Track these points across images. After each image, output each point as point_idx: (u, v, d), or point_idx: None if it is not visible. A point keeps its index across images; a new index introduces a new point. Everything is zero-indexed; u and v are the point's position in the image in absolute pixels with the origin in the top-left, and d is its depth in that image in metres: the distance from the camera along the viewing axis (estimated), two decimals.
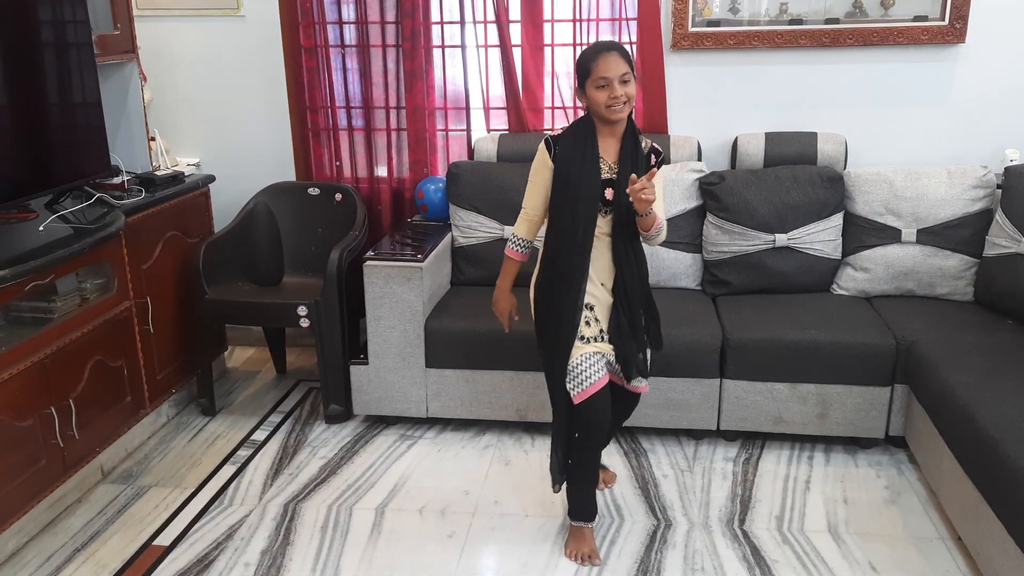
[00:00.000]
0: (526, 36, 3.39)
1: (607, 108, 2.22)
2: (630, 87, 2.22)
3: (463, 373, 3.02)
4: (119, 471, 2.94)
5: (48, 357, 2.52)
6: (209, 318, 3.27)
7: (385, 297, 3.00)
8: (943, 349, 2.69)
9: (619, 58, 2.21)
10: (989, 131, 3.31)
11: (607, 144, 2.30)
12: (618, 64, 2.20)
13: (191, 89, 3.67)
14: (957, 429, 2.40)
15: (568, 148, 2.30)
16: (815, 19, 3.28)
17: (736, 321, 2.94)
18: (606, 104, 2.21)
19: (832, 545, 2.46)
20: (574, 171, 2.28)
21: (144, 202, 3.05)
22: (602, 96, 2.21)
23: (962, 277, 3.08)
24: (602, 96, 2.21)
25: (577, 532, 2.46)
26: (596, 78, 2.21)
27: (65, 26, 2.84)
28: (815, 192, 3.14)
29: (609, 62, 2.20)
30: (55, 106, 2.84)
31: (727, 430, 2.98)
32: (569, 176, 2.29)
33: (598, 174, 2.27)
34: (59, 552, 2.51)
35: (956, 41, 3.22)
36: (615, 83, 2.19)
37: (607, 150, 2.30)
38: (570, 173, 2.29)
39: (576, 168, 2.28)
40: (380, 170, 3.64)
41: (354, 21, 3.47)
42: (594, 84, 2.22)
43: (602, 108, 2.22)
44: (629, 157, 2.28)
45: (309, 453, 3.02)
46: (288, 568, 2.41)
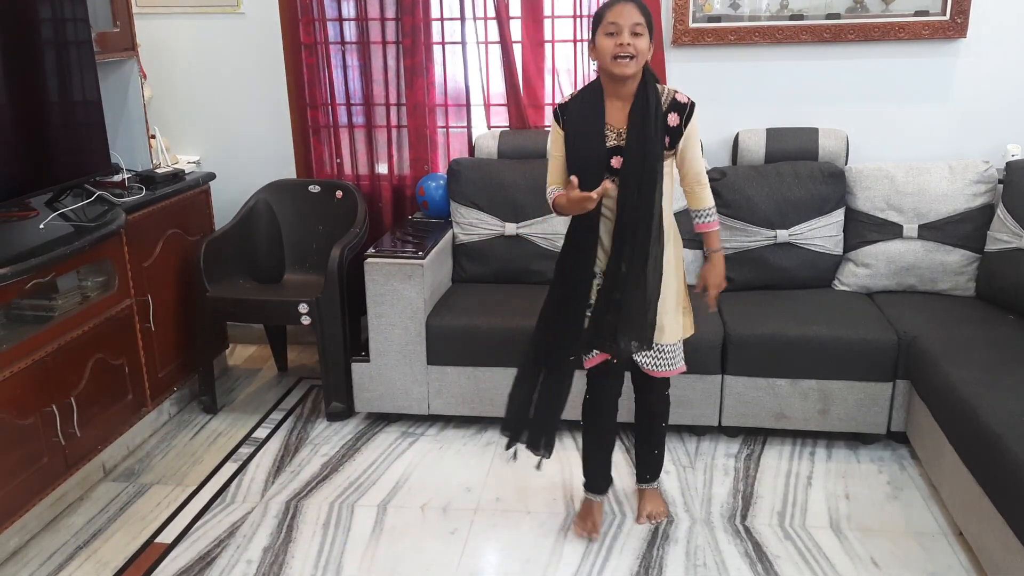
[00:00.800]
0: (526, 32, 3.38)
1: (613, 59, 2.08)
2: (642, 41, 2.08)
3: (464, 370, 3.02)
4: (121, 469, 2.94)
5: (49, 355, 2.52)
6: (210, 316, 3.26)
7: (386, 294, 3.00)
8: (945, 344, 2.69)
9: (635, 8, 2.08)
10: (990, 126, 3.30)
11: (616, 107, 2.18)
12: (632, 13, 2.07)
13: (191, 87, 3.67)
14: (959, 424, 2.39)
15: (575, 115, 2.20)
16: (816, 14, 3.27)
17: (737, 317, 2.94)
18: (612, 54, 2.07)
19: (834, 540, 2.46)
20: (580, 141, 2.19)
21: (145, 200, 3.05)
22: (609, 44, 2.08)
23: (963, 272, 3.07)
24: (609, 44, 2.08)
25: (584, 505, 2.53)
26: (607, 23, 2.08)
27: (65, 24, 2.83)
28: (816, 188, 3.14)
29: (624, 9, 2.07)
30: (55, 104, 2.84)
31: (729, 426, 2.98)
32: (576, 147, 2.20)
33: (602, 143, 2.17)
34: (61, 550, 2.52)
35: (957, 36, 3.21)
36: (625, 31, 2.06)
37: (616, 114, 2.18)
38: (577, 143, 2.20)
39: (581, 137, 2.19)
40: (381, 167, 3.63)
41: (354, 18, 3.47)
42: (604, 31, 2.09)
43: (608, 58, 2.09)
44: (639, 117, 2.13)
45: (311, 450, 3.02)
46: (290, 565, 2.42)
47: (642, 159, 2.14)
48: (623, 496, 2.69)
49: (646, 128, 2.14)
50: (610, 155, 2.18)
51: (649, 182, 2.16)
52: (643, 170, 2.15)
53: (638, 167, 2.15)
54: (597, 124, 2.18)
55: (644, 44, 2.10)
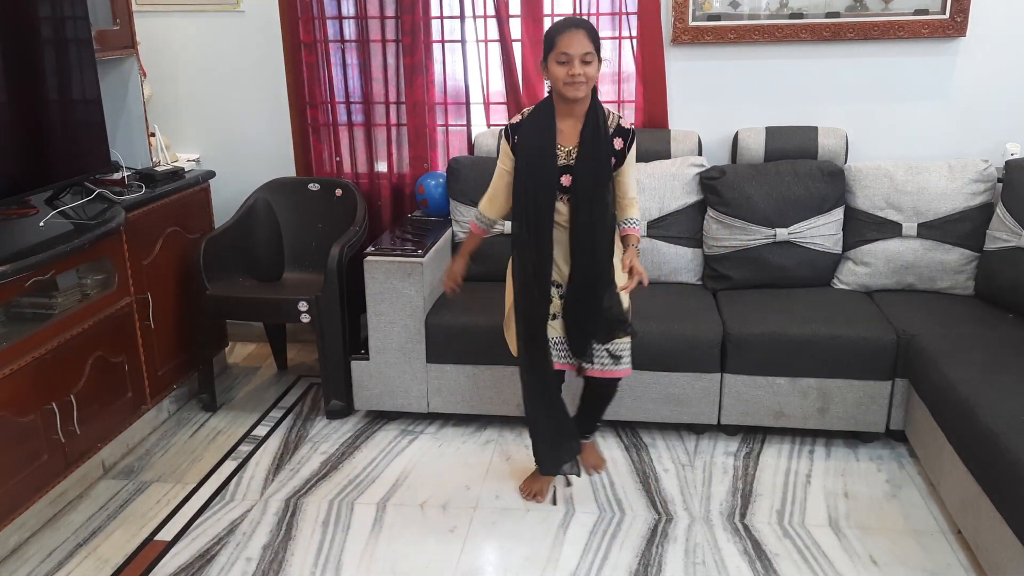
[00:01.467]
0: (526, 31, 3.38)
1: (564, 85, 2.22)
2: (592, 68, 2.23)
3: (464, 368, 3.02)
4: (120, 467, 2.95)
5: (49, 353, 2.52)
6: (210, 314, 3.27)
7: (386, 292, 3.00)
8: (943, 343, 2.69)
9: (584, 36, 2.21)
10: (990, 125, 3.30)
11: (568, 126, 2.31)
12: (582, 42, 2.20)
13: (191, 85, 3.67)
14: (957, 423, 2.40)
15: (527, 136, 2.33)
16: (816, 13, 3.28)
17: (737, 316, 2.94)
18: (564, 80, 2.21)
19: (833, 538, 2.47)
20: (532, 160, 2.31)
21: (144, 198, 3.05)
22: (561, 72, 2.21)
23: (963, 271, 3.08)
24: (561, 72, 2.21)
25: (535, 473, 2.68)
26: (558, 52, 2.21)
27: (64, 22, 2.83)
28: (815, 186, 3.14)
29: (574, 39, 2.20)
30: (55, 102, 2.83)
31: (728, 424, 2.98)
32: (527, 165, 2.32)
33: (554, 162, 2.30)
34: (61, 547, 2.52)
35: (957, 35, 3.21)
36: (576, 61, 2.20)
37: (568, 133, 2.31)
38: (528, 162, 2.32)
39: (534, 157, 2.31)
40: (380, 165, 3.63)
41: (354, 16, 3.47)
42: (556, 58, 2.22)
43: (560, 84, 2.23)
44: (589, 141, 2.29)
45: (310, 448, 3.03)
46: (290, 563, 2.42)
47: (593, 177, 2.29)
48: (622, 494, 2.70)
49: (597, 149, 2.29)
50: (560, 173, 2.31)
51: (600, 198, 2.30)
52: (594, 187, 2.29)
53: (589, 184, 2.29)
54: (549, 144, 2.31)
55: (593, 70, 2.25)
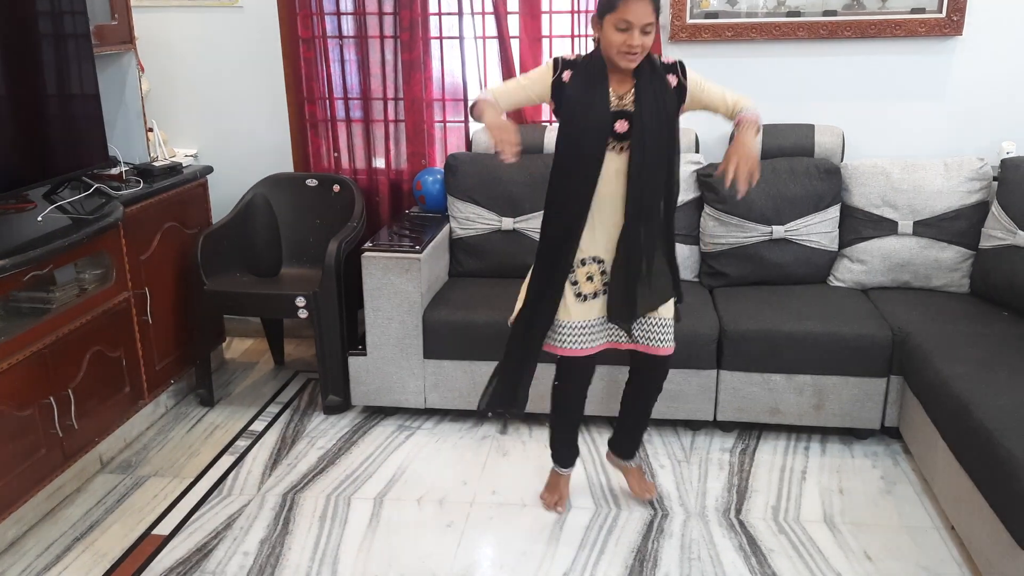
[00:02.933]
0: (524, 27, 3.39)
1: (619, 53, 2.09)
2: (649, 39, 2.09)
3: (461, 364, 3.03)
4: (118, 461, 2.95)
5: (47, 347, 2.53)
6: (207, 309, 3.27)
7: (383, 288, 3.01)
8: (938, 341, 2.70)
9: (649, 6, 2.06)
10: (986, 123, 3.31)
11: (618, 78, 2.17)
12: (646, 11, 2.05)
13: (189, 80, 3.67)
14: (951, 420, 2.41)
15: (577, 79, 2.17)
16: (813, 11, 3.28)
17: (733, 313, 2.95)
18: (620, 49, 2.08)
19: (828, 534, 2.48)
20: (580, 107, 2.16)
21: (142, 193, 3.05)
22: (618, 40, 2.07)
23: (958, 269, 3.09)
24: (618, 40, 2.07)
25: (552, 478, 2.62)
26: (618, 18, 2.05)
27: (63, 16, 2.83)
28: (812, 184, 3.15)
29: (639, 7, 2.04)
30: (53, 97, 2.84)
31: (724, 421, 2.99)
32: (574, 113, 2.17)
33: (606, 106, 2.15)
34: (58, 541, 2.52)
35: (953, 33, 3.22)
36: (636, 31, 2.05)
37: (619, 83, 2.17)
38: (575, 110, 2.17)
39: (582, 104, 2.16)
40: (378, 161, 3.64)
41: (352, 12, 3.47)
42: (615, 23, 2.07)
43: (614, 52, 2.10)
44: (649, 85, 2.14)
45: (307, 443, 3.03)
46: (287, 557, 2.43)
47: (659, 119, 2.15)
48: (618, 490, 2.71)
49: (656, 86, 2.14)
50: (614, 119, 2.16)
51: (664, 141, 2.16)
52: (661, 131, 2.15)
53: (656, 127, 2.13)
54: (601, 88, 2.16)
55: (651, 40, 2.11)
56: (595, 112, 2.16)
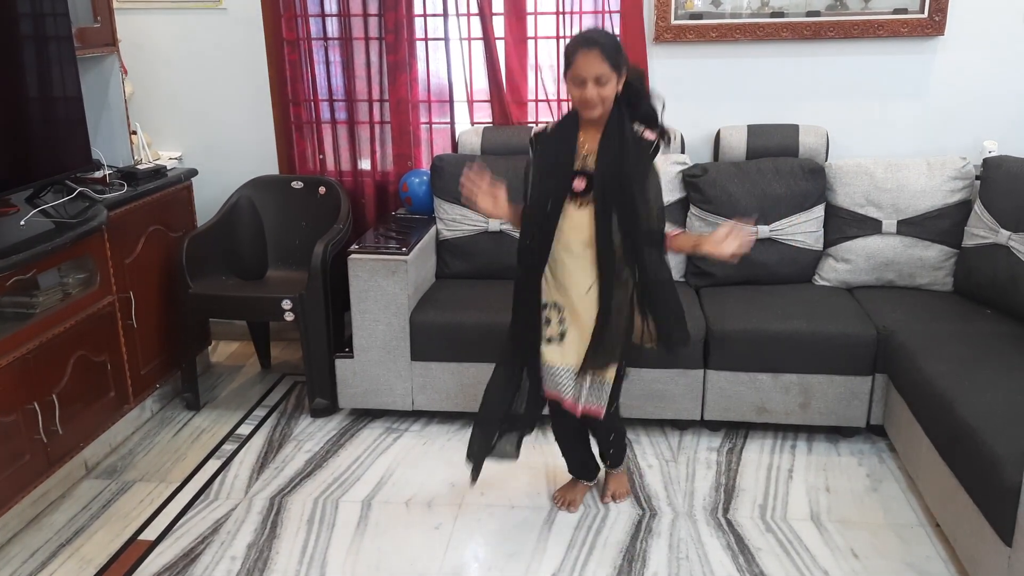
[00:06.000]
0: (509, 29, 3.39)
1: (580, 106, 2.20)
2: (607, 88, 2.14)
3: (448, 366, 3.03)
4: (103, 466, 2.93)
5: (31, 352, 2.51)
6: (193, 312, 3.25)
7: (370, 290, 3.00)
8: (922, 339, 2.72)
9: (598, 56, 2.11)
10: (968, 123, 3.34)
11: (592, 136, 2.25)
12: (595, 64, 2.12)
13: (172, 82, 3.65)
14: (935, 417, 2.43)
15: (548, 142, 2.31)
16: (796, 12, 3.30)
17: (719, 312, 2.96)
18: (579, 102, 2.19)
19: (814, 532, 2.50)
20: (546, 167, 2.29)
21: (126, 196, 3.03)
22: (576, 94, 2.18)
23: (942, 267, 3.11)
24: (576, 94, 2.18)
25: (570, 480, 2.67)
26: (573, 75, 2.17)
27: (44, 19, 2.81)
28: (797, 184, 3.17)
29: (587, 61, 2.12)
30: (35, 100, 2.81)
31: (711, 420, 3.00)
32: (540, 171, 2.30)
33: (570, 164, 2.24)
34: (43, 548, 2.50)
35: (935, 33, 3.25)
36: (589, 84, 2.13)
37: (591, 141, 2.25)
38: (542, 168, 2.30)
39: (548, 164, 2.28)
40: (364, 163, 3.63)
41: (336, 14, 3.46)
42: (571, 79, 2.18)
43: (576, 103, 2.21)
44: (611, 146, 2.21)
45: (294, 447, 3.02)
46: (275, 561, 2.42)
47: (617, 176, 2.20)
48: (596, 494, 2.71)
49: (622, 149, 2.20)
50: (572, 177, 2.24)
51: (628, 199, 2.20)
52: (620, 187, 2.20)
53: (613, 183, 2.20)
54: (568, 147, 2.26)
55: (609, 90, 2.17)
56: (558, 170, 2.26)
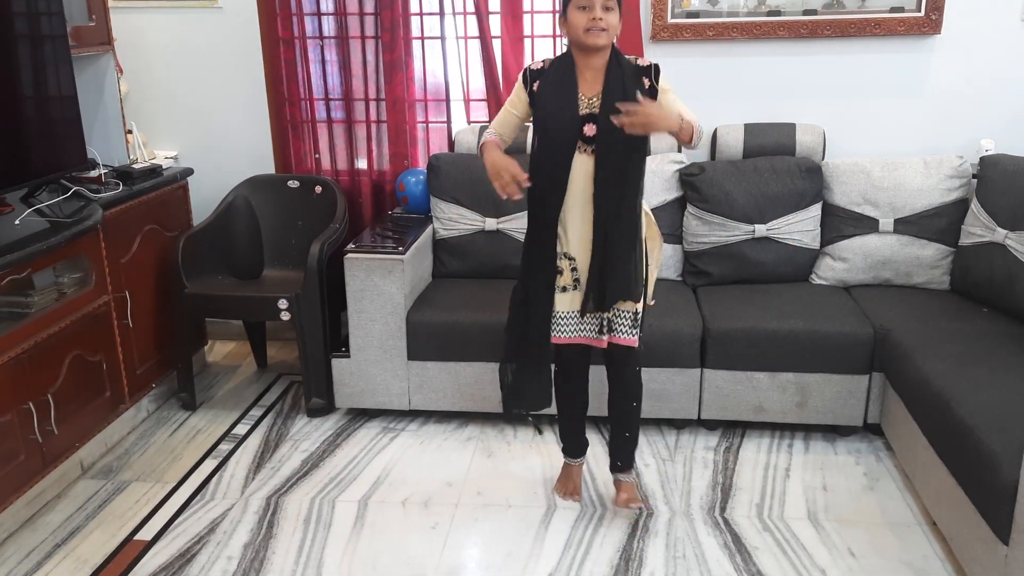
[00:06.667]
0: (506, 28, 3.38)
1: (585, 31, 2.14)
2: (612, 15, 2.15)
3: (445, 365, 3.02)
4: (99, 466, 2.92)
5: (26, 352, 2.50)
6: (189, 312, 3.24)
7: (366, 290, 2.99)
8: (919, 338, 2.72)
9: None
10: (965, 121, 3.34)
11: (588, 78, 2.22)
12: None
13: (168, 81, 3.64)
14: (932, 416, 2.43)
15: (547, 87, 2.24)
16: (793, 10, 3.30)
17: (717, 311, 2.96)
18: (585, 27, 2.14)
19: (812, 531, 2.49)
20: (551, 111, 2.23)
21: (122, 195, 3.02)
22: (582, 19, 2.14)
23: (938, 266, 3.11)
24: (582, 19, 2.14)
25: (564, 468, 2.66)
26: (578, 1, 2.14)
27: (39, 18, 2.80)
28: (794, 183, 3.16)
29: None
30: (30, 99, 2.80)
31: (708, 419, 3.00)
32: (546, 117, 2.25)
33: (575, 111, 2.21)
34: (39, 548, 2.50)
35: (932, 32, 3.25)
36: (597, 6, 2.12)
37: (589, 84, 2.22)
38: (547, 113, 2.24)
39: (552, 108, 2.23)
40: (360, 163, 3.62)
41: (332, 12, 3.45)
42: (576, 4, 2.14)
43: (580, 32, 2.15)
44: (614, 87, 2.18)
45: (291, 447, 3.02)
46: (271, 561, 2.41)
47: None
48: (603, 488, 2.71)
49: (626, 91, 2.17)
50: (582, 123, 2.21)
51: (629, 144, 2.19)
52: (623, 135, 2.15)
53: (620, 132, 2.14)
54: (570, 92, 2.22)
55: (615, 19, 2.17)
56: (564, 117, 2.22)
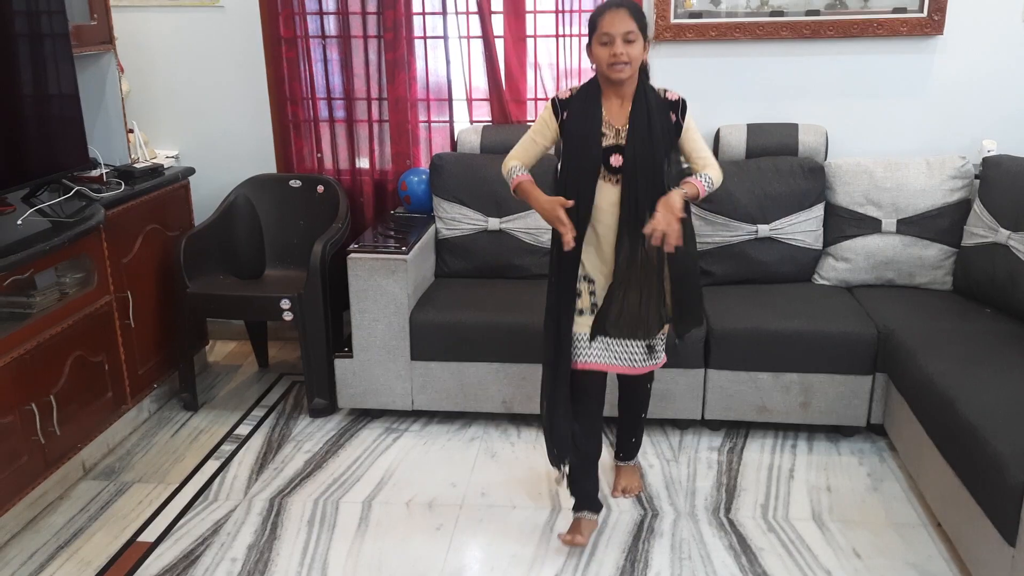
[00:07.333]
0: (508, 27, 3.38)
1: (609, 67, 2.17)
2: (635, 48, 2.16)
3: (448, 365, 3.02)
4: (101, 467, 2.91)
5: (28, 353, 2.49)
6: (190, 312, 3.23)
7: (369, 290, 2.98)
8: (922, 338, 2.72)
9: (626, 15, 2.15)
10: (967, 122, 3.34)
11: (615, 107, 2.24)
12: (624, 21, 2.14)
13: (169, 81, 3.63)
14: (937, 416, 2.43)
15: (575, 115, 2.26)
16: (796, 11, 3.30)
17: (720, 311, 2.96)
18: (608, 62, 2.17)
19: (817, 532, 2.49)
20: (578, 139, 2.25)
21: (123, 195, 3.01)
22: (604, 53, 2.17)
23: (941, 266, 3.12)
24: (604, 53, 2.17)
25: (575, 523, 2.44)
26: (600, 33, 2.16)
27: (41, 17, 2.78)
28: (796, 183, 3.16)
29: (615, 18, 2.14)
30: (31, 98, 2.79)
31: (711, 419, 3.00)
32: (573, 148, 2.26)
33: (598, 142, 2.23)
34: (42, 550, 2.49)
35: (934, 33, 3.25)
36: (618, 40, 2.14)
37: (616, 114, 2.24)
38: (573, 144, 2.26)
39: (577, 139, 2.25)
40: (362, 162, 3.62)
41: (335, 12, 3.44)
42: (599, 40, 2.17)
43: (604, 66, 2.18)
44: (639, 122, 2.20)
45: (294, 447, 3.01)
46: (275, 563, 2.40)
47: (647, 155, 2.20)
48: (606, 489, 2.70)
49: (651, 124, 2.20)
50: (608, 154, 2.23)
51: (655, 178, 2.21)
52: (649, 164, 2.20)
53: (643, 162, 2.19)
54: (595, 123, 2.24)
55: (637, 50, 2.18)
56: (589, 147, 2.24)
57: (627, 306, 2.27)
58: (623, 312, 2.27)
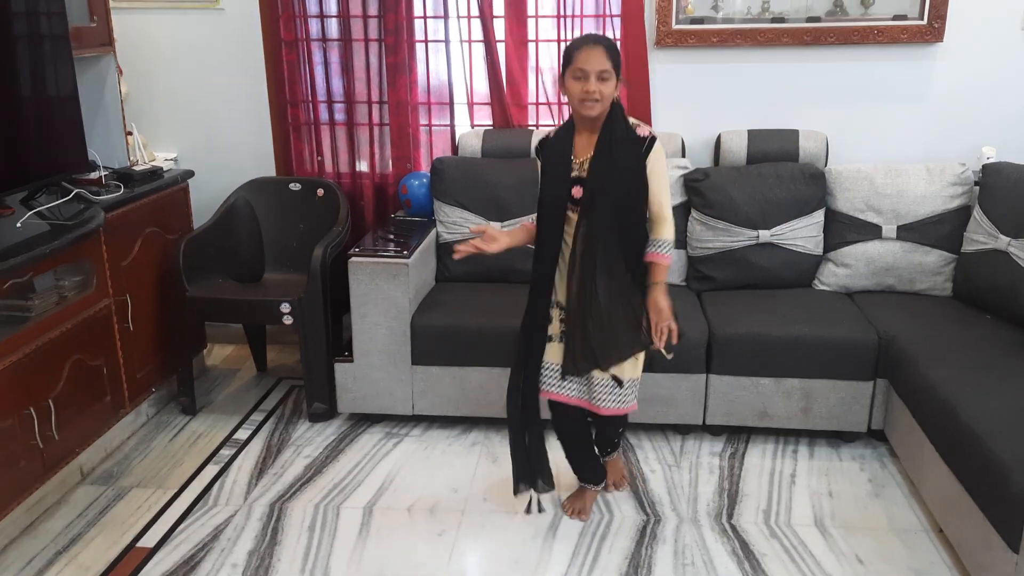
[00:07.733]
0: (510, 31, 3.38)
1: (580, 103, 2.21)
2: (607, 86, 2.18)
3: (450, 370, 3.01)
4: (99, 472, 2.89)
5: (26, 357, 2.47)
6: (190, 316, 3.21)
7: (370, 294, 2.97)
8: (923, 344, 2.73)
9: (602, 53, 2.17)
10: (967, 129, 3.36)
11: (583, 140, 2.29)
12: (599, 59, 2.16)
13: (169, 83, 3.61)
14: (938, 423, 2.44)
15: (550, 151, 2.34)
16: (797, 17, 3.31)
17: (721, 316, 2.96)
18: (579, 97, 2.20)
19: (819, 538, 2.49)
20: (548, 174, 2.33)
21: (123, 198, 2.99)
22: (576, 88, 2.19)
23: (941, 273, 3.12)
24: (576, 88, 2.19)
25: (579, 490, 2.62)
26: (575, 68, 2.19)
27: (40, 18, 2.77)
28: (797, 189, 3.17)
29: (591, 55, 2.17)
30: (30, 100, 2.77)
31: (713, 425, 3.00)
32: (545, 179, 2.34)
33: (567, 172, 2.28)
34: (40, 555, 2.46)
35: (934, 40, 3.26)
36: (591, 77, 2.16)
37: (583, 147, 2.29)
38: (546, 176, 2.34)
39: (549, 172, 2.32)
40: (362, 165, 3.61)
41: (336, 15, 3.43)
42: (572, 74, 2.20)
43: (575, 101, 2.22)
44: (603, 152, 2.24)
45: (293, 452, 2.99)
46: (276, 568, 2.39)
47: (605, 189, 2.24)
48: (610, 496, 2.70)
49: (611, 159, 2.23)
50: (571, 185, 2.28)
51: (618, 207, 2.25)
52: (606, 199, 2.24)
53: (604, 195, 2.24)
54: (565, 155, 2.30)
55: (610, 88, 2.20)
56: (558, 179, 2.30)
57: (584, 339, 2.31)
58: (584, 346, 2.31)
